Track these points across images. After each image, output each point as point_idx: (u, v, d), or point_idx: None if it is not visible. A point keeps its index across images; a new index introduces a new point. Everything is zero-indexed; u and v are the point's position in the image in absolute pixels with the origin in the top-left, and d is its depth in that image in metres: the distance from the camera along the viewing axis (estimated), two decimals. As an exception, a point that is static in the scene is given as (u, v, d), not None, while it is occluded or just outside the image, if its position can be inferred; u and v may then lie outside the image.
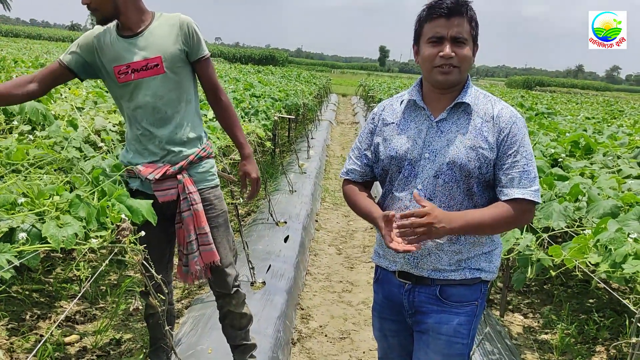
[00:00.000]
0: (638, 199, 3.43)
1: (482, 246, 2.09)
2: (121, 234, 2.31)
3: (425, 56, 2.02)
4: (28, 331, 3.60)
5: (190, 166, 2.77)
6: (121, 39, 2.67)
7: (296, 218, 6.38)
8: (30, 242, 2.09)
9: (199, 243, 2.79)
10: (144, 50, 2.65)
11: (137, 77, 2.66)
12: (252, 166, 2.91)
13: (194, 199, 2.73)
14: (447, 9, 1.96)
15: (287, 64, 75.57)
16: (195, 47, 2.71)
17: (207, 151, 2.84)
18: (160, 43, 2.66)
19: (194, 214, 2.74)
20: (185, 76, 2.74)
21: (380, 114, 2.22)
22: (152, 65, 2.64)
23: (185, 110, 2.75)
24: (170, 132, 2.72)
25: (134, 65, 2.65)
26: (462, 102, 2.05)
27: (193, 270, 2.82)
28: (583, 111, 16.49)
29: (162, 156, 2.74)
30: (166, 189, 2.73)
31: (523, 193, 1.98)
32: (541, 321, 4.50)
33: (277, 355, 3.49)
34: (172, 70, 2.67)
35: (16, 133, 3.51)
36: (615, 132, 7.53)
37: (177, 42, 2.67)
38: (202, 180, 2.83)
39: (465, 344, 2.11)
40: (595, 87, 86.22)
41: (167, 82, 2.68)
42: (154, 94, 2.67)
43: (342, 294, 4.94)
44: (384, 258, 2.22)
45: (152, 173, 2.69)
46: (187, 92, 2.76)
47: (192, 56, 2.73)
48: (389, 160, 2.12)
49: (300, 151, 10.70)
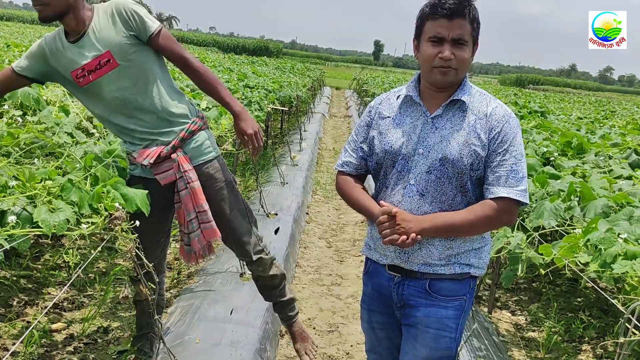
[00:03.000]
0: (629, 199, 3.45)
1: (472, 242, 2.11)
2: (113, 222, 2.29)
3: (425, 56, 2.02)
4: (15, 318, 3.57)
5: (182, 143, 2.72)
6: (70, 44, 2.61)
7: (287, 210, 6.37)
8: (20, 225, 2.07)
9: (199, 221, 2.75)
10: (92, 50, 2.57)
11: (95, 77, 2.60)
12: (246, 122, 2.76)
13: (189, 177, 2.69)
14: (449, 9, 1.95)
15: (281, 55, 75.41)
16: (140, 27, 2.59)
17: (197, 124, 2.77)
18: (104, 36, 2.57)
19: (191, 192, 2.70)
20: (144, 59, 2.64)
21: (377, 107, 2.23)
22: (105, 61, 2.57)
23: (157, 91, 2.67)
24: (150, 117, 2.67)
25: (87, 67, 2.58)
26: (457, 99, 2.06)
27: (196, 249, 2.81)
28: (575, 111, 16.56)
29: (153, 140, 2.71)
30: (165, 170, 2.70)
31: (509, 192, 1.99)
32: (529, 319, 4.52)
33: (265, 347, 3.49)
34: (125, 60, 2.59)
35: (7, 117, 3.47)
36: (608, 132, 7.55)
37: (120, 30, 2.57)
38: (199, 155, 2.78)
39: (453, 337, 2.13)
40: (588, 87, 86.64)
41: (126, 72, 2.60)
42: (118, 88, 2.61)
43: (331, 287, 4.94)
44: (375, 251, 2.22)
45: (146, 158, 2.67)
46: (152, 73, 2.66)
47: (143, 36, 2.60)
48: (384, 154, 2.13)
49: (292, 143, 10.68)
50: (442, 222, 2.01)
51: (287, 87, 12.70)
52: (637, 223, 3.06)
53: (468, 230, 2.05)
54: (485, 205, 2.01)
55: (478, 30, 2.04)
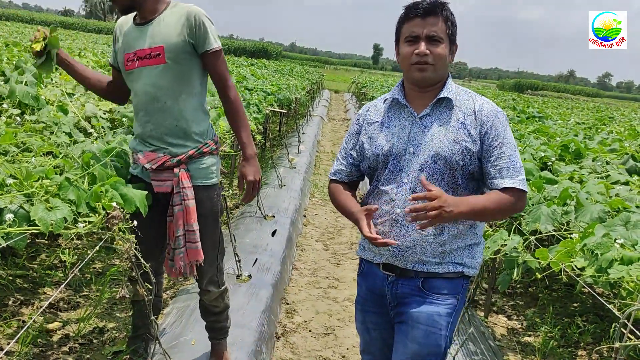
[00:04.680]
0: (626, 204, 3.45)
1: (465, 238, 2.14)
2: (110, 221, 2.29)
3: (403, 54, 2.12)
4: (10, 317, 3.57)
5: (189, 160, 2.72)
6: (134, 27, 2.68)
7: (284, 212, 6.37)
8: (17, 223, 2.07)
9: (186, 239, 2.75)
10: (150, 39, 2.62)
11: (140, 64, 2.64)
12: (251, 168, 2.79)
13: (186, 194, 2.69)
14: (422, 9, 2.06)
15: (280, 57, 75.41)
16: (202, 39, 2.62)
17: (210, 147, 2.77)
18: (166, 32, 2.61)
19: (184, 209, 2.70)
20: (191, 68, 2.67)
21: (365, 114, 2.31)
22: (155, 54, 2.61)
23: (187, 102, 2.69)
24: (169, 123, 2.68)
25: (139, 53, 2.64)
26: (444, 97, 2.12)
27: (177, 266, 2.80)
28: (574, 116, 16.60)
29: (162, 147, 2.71)
30: (163, 179, 2.71)
31: (513, 182, 2.05)
32: (525, 323, 4.52)
33: (260, 349, 3.49)
34: (174, 60, 2.61)
35: (5, 116, 3.47)
36: (606, 138, 7.57)
37: (182, 33, 2.60)
38: (200, 177, 2.77)
39: (444, 335, 2.14)
40: (586, 93, 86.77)
41: (169, 72, 2.62)
42: (154, 84, 2.64)
43: (327, 289, 4.94)
44: (369, 251, 2.25)
45: (149, 162, 2.69)
46: (191, 84, 2.69)
47: (199, 48, 2.65)
48: (375, 157, 2.19)
49: (290, 146, 10.67)
50: (478, 206, 2.03)
51: (286, 90, 12.71)
52: (634, 228, 3.06)
53: (497, 213, 2.12)
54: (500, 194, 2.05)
55: (453, 30, 2.12)
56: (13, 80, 3.95)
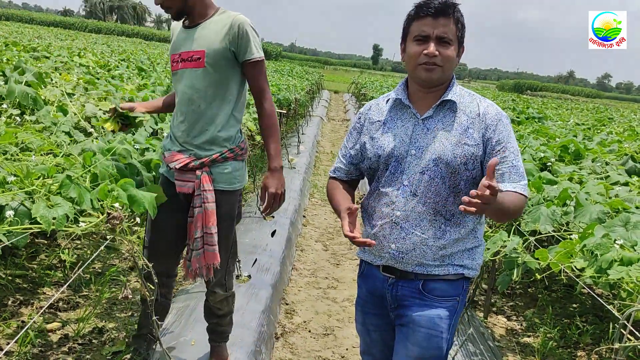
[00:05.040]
0: (625, 205, 3.45)
1: (465, 242, 2.13)
2: (111, 222, 2.29)
3: (411, 54, 2.07)
4: (10, 317, 3.57)
5: (213, 164, 2.76)
6: (183, 29, 2.80)
7: (284, 213, 6.37)
8: (19, 222, 2.07)
9: (204, 242, 2.78)
10: (194, 42, 2.71)
11: (183, 66, 2.74)
12: (274, 180, 2.80)
13: (207, 197, 2.72)
14: (434, 8, 2.01)
15: (280, 58, 75.37)
16: (243, 48, 2.68)
17: (234, 152, 2.81)
18: (209, 37, 2.68)
19: (204, 212, 2.73)
20: (230, 75, 2.73)
21: (367, 114, 2.27)
22: (196, 57, 2.69)
23: (221, 108, 2.74)
24: (200, 126, 2.74)
25: (183, 55, 2.74)
26: (448, 99, 2.09)
27: (194, 267, 2.82)
28: (573, 117, 16.59)
29: (189, 148, 2.77)
30: (186, 180, 2.76)
31: (514, 187, 2.01)
32: (524, 324, 4.52)
33: (260, 349, 3.49)
34: (213, 66, 2.68)
35: (5, 116, 3.47)
36: (605, 139, 7.57)
37: (224, 40, 2.66)
38: (221, 182, 2.80)
39: (445, 338, 2.13)
40: (585, 94, 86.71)
41: (207, 76, 2.69)
42: (192, 86, 2.71)
43: (327, 290, 4.94)
44: (369, 252, 2.23)
45: (174, 162, 2.75)
46: (227, 90, 2.75)
47: (240, 57, 2.71)
48: (377, 158, 2.16)
49: (290, 146, 10.68)
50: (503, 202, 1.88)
51: (286, 90, 12.70)
52: (633, 229, 3.07)
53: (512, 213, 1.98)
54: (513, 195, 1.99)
55: (463, 32, 2.08)
56: (12, 80, 3.95)
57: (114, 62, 10.97)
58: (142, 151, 3.53)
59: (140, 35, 73.09)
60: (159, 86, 6.84)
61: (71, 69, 6.98)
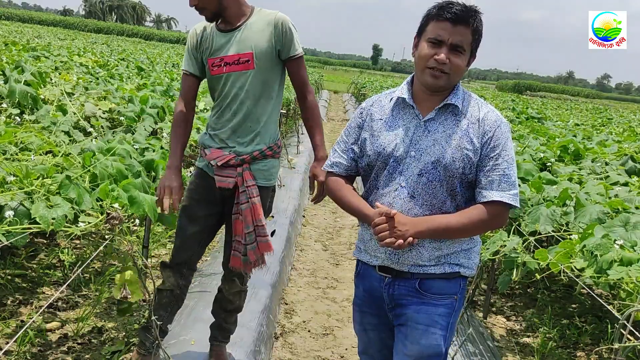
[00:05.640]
0: (625, 205, 3.45)
1: (461, 243, 2.12)
2: (110, 222, 2.29)
3: (422, 54, 2.04)
4: (9, 317, 3.56)
5: (253, 161, 2.83)
6: (219, 32, 2.79)
7: (283, 213, 6.36)
8: (18, 222, 2.06)
9: (257, 234, 2.86)
10: (238, 45, 2.74)
11: (228, 70, 2.77)
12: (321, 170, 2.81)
13: (252, 192, 2.80)
14: (455, 14, 1.98)
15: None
16: (288, 45, 2.76)
17: (273, 150, 2.89)
18: (254, 39, 2.74)
19: (252, 207, 2.81)
20: (274, 73, 2.82)
21: (369, 109, 2.23)
22: (244, 60, 2.74)
23: (264, 107, 2.82)
24: (245, 124, 2.81)
25: (227, 59, 2.76)
26: (450, 103, 2.07)
27: (252, 260, 2.89)
28: (573, 117, 16.60)
29: (230, 146, 2.83)
30: (225, 176, 2.82)
31: (501, 196, 2.02)
32: (523, 324, 4.52)
33: (259, 349, 3.48)
34: (261, 66, 2.75)
35: (4, 116, 3.47)
36: (605, 139, 7.57)
37: (271, 39, 2.74)
38: (260, 178, 2.88)
39: (443, 335, 2.13)
40: (585, 94, 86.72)
41: (256, 77, 2.76)
42: (241, 87, 2.77)
43: (326, 290, 4.94)
44: (365, 252, 2.23)
45: (215, 159, 2.81)
46: (271, 88, 2.83)
47: (284, 54, 2.79)
48: (376, 156, 2.14)
49: (290, 146, 10.67)
50: (438, 226, 2.03)
51: (286, 90, 12.70)
52: (633, 229, 3.07)
53: (462, 233, 2.07)
54: (479, 209, 2.04)
55: (478, 42, 2.06)
56: (12, 79, 3.95)
57: (114, 61, 10.96)
58: (142, 151, 3.53)
59: (140, 35, 73.13)
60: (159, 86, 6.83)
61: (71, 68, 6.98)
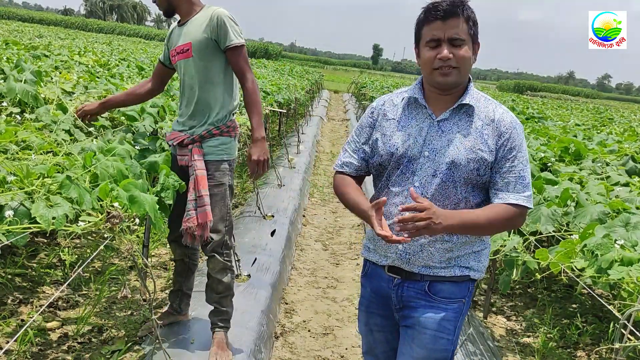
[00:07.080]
0: (626, 205, 3.45)
1: (472, 245, 2.11)
2: (110, 221, 2.29)
3: (425, 59, 2.04)
4: (9, 316, 3.56)
5: (203, 140, 3.16)
6: (178, 27, 3.23)
7: (284, 212, 6.36)
8: (18, 222, 2.06)
9: (197, 204, 3.09)
10: (184, 37, 3.14)
11: (177, 59, 3.19)
12: (257, 149, 3.14)
13: (196, 166, 3.10)
14: (442, 11, 1.97)
15: (280, 57, 75.32)
16: (222, 37, 3.06)
17: (221, 130, 3.18)
18: (193, 31, 3.10)
19: (195, 178, 3.09)
20: (214, 62, 3.12)
21: (381, 108, 2.21)
22: (185, 49, 3.12)
23: (211, 91, 3.14)
24: (195, 108, 3.16)
25: (177, 49, 3.17)
26: (464, 103, 2.06)
27: (185, 227, 3.09)
28: (573, 117, 16.59)
29: (187, 127, 3.20)
30: (183, 155, 3.19)
31: (517, 198, 2.02)
32: (524, 324, 4.52)
33: (259, 349, 3.48)
34: (199, 55, 3.09)
35: (4, 114, 3.46)
36: (605, 139, 7.57)
37: (206, 31, 3.06)
38: (210, 153, 3.17)
39: (451, 340, 2.12)
40: (585, 94, 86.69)
41: (196, 64, 3.11)
42: (187, 74, 3.16)
43: (326, 289, 4.93)
44: (375, 252, 2.22)
45: (172, 139, 3.23)
46: (215, 75, 3.14)
47: (222, 45, 3.09)
48: (389, 156, 2.12)
49: (290, 146, 10.67)
50: (469, 220, 1.99)
51: (286, 90, 12.70)
52: (634, 230, 3.07)
53: (488, 229, 2.06)
54: (504, 207, 2.02)
55: (475, 28, 2.05)
56: (12, 78, 3.94)
57: (114, 61, 10.96)
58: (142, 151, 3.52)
59: (141, 34, 73.11)
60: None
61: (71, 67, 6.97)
